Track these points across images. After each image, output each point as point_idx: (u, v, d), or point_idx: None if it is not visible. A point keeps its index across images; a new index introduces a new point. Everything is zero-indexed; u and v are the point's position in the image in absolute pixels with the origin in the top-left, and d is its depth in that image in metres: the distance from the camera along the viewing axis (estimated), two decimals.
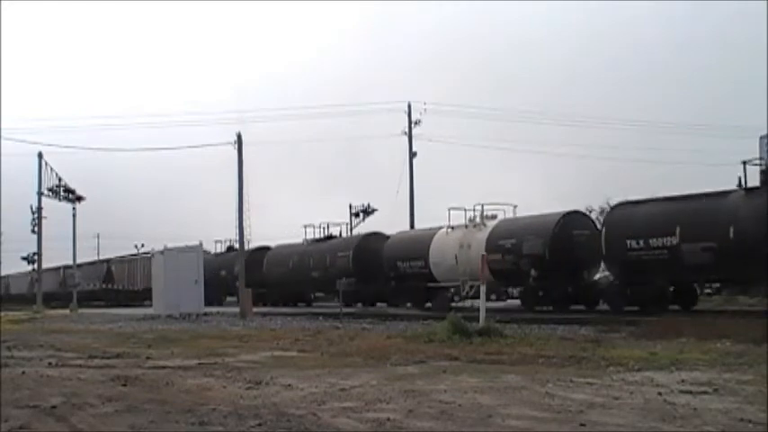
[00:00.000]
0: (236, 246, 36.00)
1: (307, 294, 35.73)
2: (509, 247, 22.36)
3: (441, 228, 26.08)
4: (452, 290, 25.38)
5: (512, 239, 22.57)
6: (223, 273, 36.95)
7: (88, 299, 46.02)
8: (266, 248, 36.67)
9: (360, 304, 29.16)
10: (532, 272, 21.70)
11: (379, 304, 30.20)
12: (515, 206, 25.15)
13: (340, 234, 33.22)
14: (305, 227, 33.97)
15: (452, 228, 25.44)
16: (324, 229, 33.29)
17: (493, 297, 26.69)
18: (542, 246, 21.53)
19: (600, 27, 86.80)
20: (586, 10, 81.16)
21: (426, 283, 25.79)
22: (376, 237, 30.31)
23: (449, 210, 25.62)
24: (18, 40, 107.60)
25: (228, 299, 39.70)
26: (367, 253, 29.08)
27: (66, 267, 52.61)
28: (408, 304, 26.87)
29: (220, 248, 40.41)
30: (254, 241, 41.80)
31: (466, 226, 25.07)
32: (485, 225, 24.19)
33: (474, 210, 25.12)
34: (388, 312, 23.70)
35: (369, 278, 28.27)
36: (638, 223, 19.13)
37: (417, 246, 26.61)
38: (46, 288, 45.42)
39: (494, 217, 24.77)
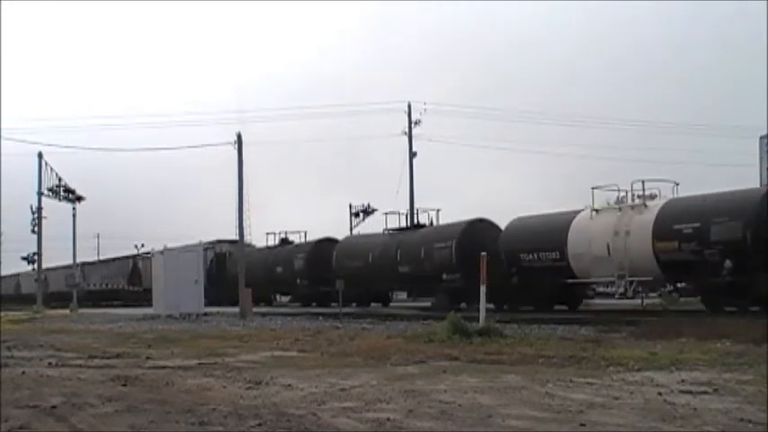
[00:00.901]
0: (292, 237, 35.90)
1: (386, 292, 32.12)
2: (690, 232, 18.09)
3: (580, 211, 21.76)
4: (600, 287, 23.53)
5: (694, 223, 18.14)
6: (279, 269, 34.66)
7: (108, 299, 44.41)
8: (333, 240, 33.36)
9: (463, 304, 21.98)
10: (726, 263, 17.45)
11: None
12: (677, 184, 20.97)
13: (431, 222, 28.46)
14: (386, 214, 29.67)
15: (597, 210, 21.16)
16: (405, 217, 28.88)
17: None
18: (742, 229, 17.23)
19: (600, 27, 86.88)
20: (586, 10, 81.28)
21: (562, 279, 21.37)
22: (484, 224, 25.38)
23: (592, 189, 21.28)
24: (18, 40, 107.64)
25: (282, 298, 38.42)
26: (475, 243, 22.92)
27: (86, 264, 52.16)
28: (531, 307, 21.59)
29: (272, 241, 37.42)
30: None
31: (619, 208, 21.16)
32: (646, 206, 19.90)
33: (626, 190, 20.87)
34: (389, 312, 23.68)
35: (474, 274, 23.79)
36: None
37: (549, 233, 21.86)
38: (59, 287, 45.32)
39: (653, 196, 20.71)
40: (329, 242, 32.98)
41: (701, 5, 77.34)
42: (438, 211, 28.31)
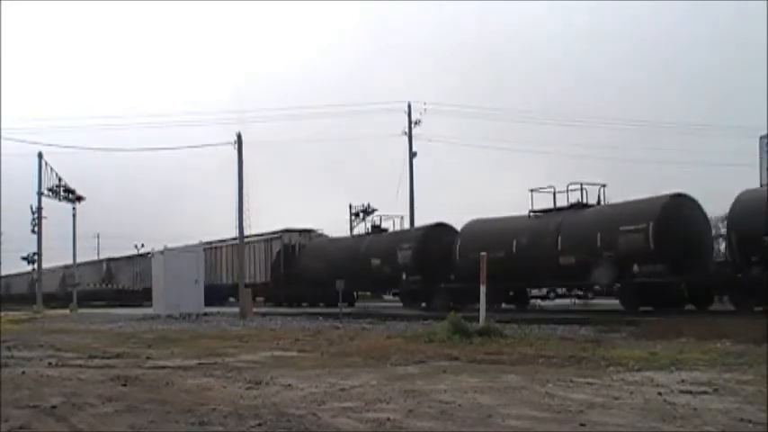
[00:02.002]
0: (385, 225, 31.24)
1: (525, 292, 25.21)
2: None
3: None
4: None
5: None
6: (376, 262, 28.60)
7: (130, 299, 41.60)
8: (448, 226, 27.57)
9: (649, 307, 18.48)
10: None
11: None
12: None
13: (599, 200, 22.08)
14: (532, 191, 22.91)
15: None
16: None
17: None
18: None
19: (600, 27, 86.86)
20: (586, 10, 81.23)
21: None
22: (685, 202, 19.85)
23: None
24: (18, 40, 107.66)
25: (386, 297, 34.16)
26: (677, 228, 18.87)
27: (111, 260, 51.44)
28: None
29: (363, 229, 33.08)
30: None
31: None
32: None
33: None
34: (388, 312, 23.68)
35: (681, 265, 18.56)
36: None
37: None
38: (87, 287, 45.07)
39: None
40: (444, 228, 27.50)
41: (701, 5, 77.41)
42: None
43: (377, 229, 31.40)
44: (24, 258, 52.73)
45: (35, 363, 9.41)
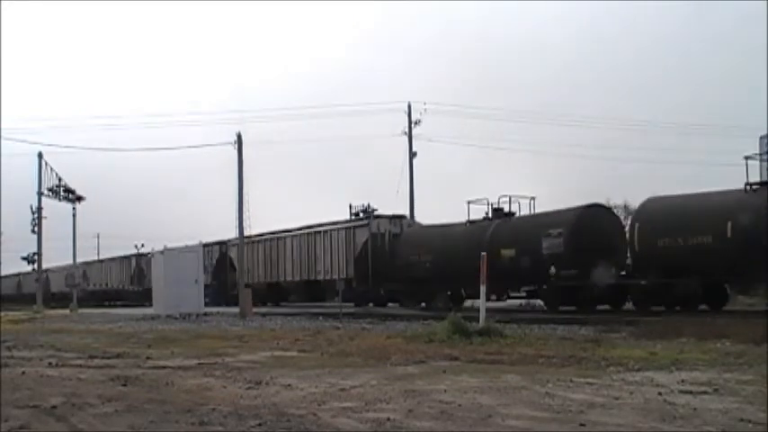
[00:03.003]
0: (508, 209, 23.66)
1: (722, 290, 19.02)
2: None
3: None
4: None
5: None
6: (509, 253, 22.03)
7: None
8: (609, 209, 23.83)
9: None
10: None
11: None
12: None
13: None
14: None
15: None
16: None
17: None
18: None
19: (600, 27, 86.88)
20: (587, 10, 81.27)
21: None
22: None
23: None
24: (18, 40, 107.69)
25: (514, 294, 26.23)
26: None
27: (141, 255, 50.56)
28: None
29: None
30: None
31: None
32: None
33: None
34: (389, 312, 23.68)
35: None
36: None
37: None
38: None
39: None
40: (602, 209, 22.87)
41: (702, 6, 77.40)
42: None
43: (500, 212, 24.06)
44: (24, 258, 52.71)
45: (35, 363, 9.42)
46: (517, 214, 23.83)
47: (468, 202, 24.19)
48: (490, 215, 24.16)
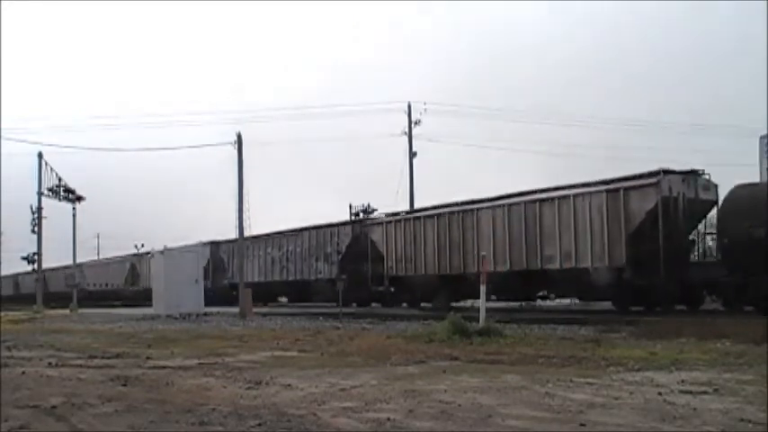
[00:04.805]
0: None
1: None
2: None
3: None
4: None
5: None
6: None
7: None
8: None
9: None
10: None
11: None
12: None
13: None
14: None
15: None
16: None
17: None
18: None
19: (600, 27, 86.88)
20: (587, 10, 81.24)
21: None
22: None
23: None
24: (18, 40, 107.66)
25: None
26: None
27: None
28: None
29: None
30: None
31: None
32: None
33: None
34: (389, 312, 23.67)
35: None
36: None
37: None
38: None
39: None
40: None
41: (702, 5, 77.45)
42: None
43: None
44: (24, 258, 52.69)
45: (35, 363, 9.42)
46: None
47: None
48: None
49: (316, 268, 30.27)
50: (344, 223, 29.99)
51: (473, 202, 23.17)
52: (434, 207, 24.79)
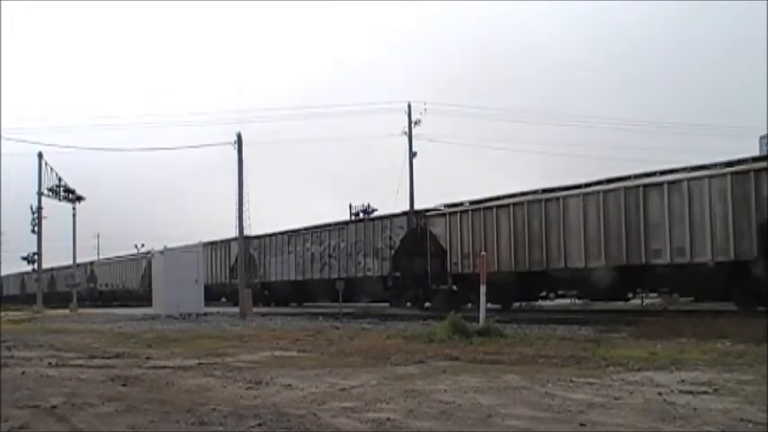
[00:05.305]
0: None
1: None
2: None
3: None
4: None
5: None
6: None
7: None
8: None
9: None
10: None
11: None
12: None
13: None
14: None
15: None
16: None
17: None
18: None
19: (600, 27, 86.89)
20: (587, 10, 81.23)
21: None
22: None
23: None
24: (18, 40, 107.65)
25: None
26: None
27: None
28: None
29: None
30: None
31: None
32: None
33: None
34: (389, 312, 23.66)
35: None
36: None
37: None
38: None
39: None
40: None
41: (702, 5, 77.45)
42: None
43: None
44: (24, 258, 52.77)
45: (35, 363, 9.42)
46: None
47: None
48: None
49: (364, 265, 27.29)
50: (398, 215, 27.12)
51: (558, 189, 20.33)
52: (508, 196, 21.82)
